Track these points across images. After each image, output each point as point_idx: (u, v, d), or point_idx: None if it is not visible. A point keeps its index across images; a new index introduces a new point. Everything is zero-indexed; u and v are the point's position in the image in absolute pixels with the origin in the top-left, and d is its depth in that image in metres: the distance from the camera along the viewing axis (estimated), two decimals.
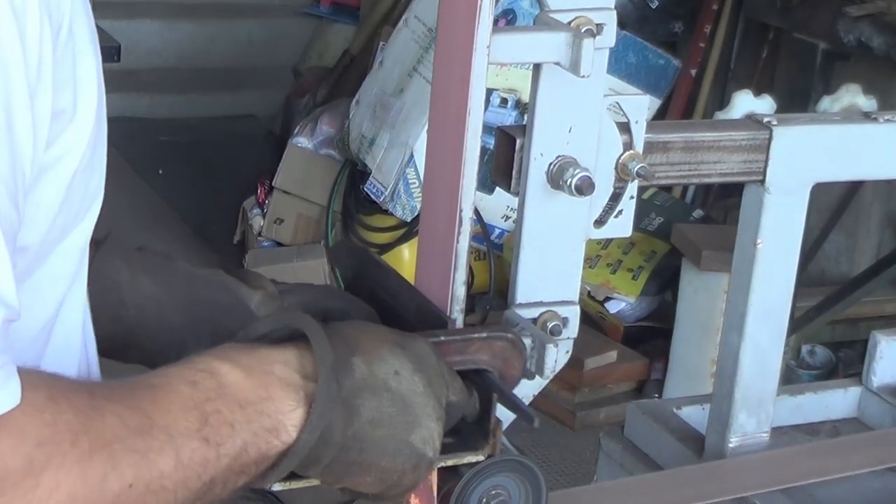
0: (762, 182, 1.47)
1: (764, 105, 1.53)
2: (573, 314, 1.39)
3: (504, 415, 1.24)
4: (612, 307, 4.52)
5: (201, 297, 1.32)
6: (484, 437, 1.21)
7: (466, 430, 1.22)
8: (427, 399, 1.14)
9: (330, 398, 1.10)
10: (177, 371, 1.10)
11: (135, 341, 1.32)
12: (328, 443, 1.10)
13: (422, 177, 1.87)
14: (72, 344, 1.19)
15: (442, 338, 1.20)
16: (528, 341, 1.32)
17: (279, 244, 5.05)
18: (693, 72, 5.10)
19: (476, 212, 4.17)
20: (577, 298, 1.39)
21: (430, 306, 1.27)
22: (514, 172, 1.34)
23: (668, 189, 4.78)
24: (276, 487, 1.14)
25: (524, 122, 1.34)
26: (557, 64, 1.27)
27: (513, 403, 1.21)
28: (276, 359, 1.13)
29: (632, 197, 1.38)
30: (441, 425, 1.15)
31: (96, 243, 1.30)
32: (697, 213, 4.74)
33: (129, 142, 6.22)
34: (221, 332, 1.24)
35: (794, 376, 4.21)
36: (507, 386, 1.22)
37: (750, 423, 1.56)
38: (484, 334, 1.22)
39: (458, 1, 1.23)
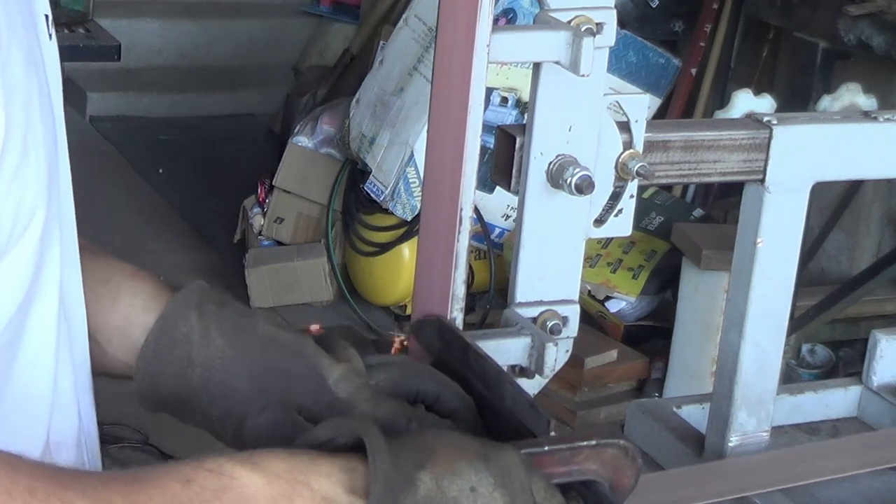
0: (762, 181, 1.47)
1: (764, 104, 1.53)
2: (573, 313, 1.39)
3: None
4: (613, 306, 4.53)
5: (275, 364, 1.18)
6: None
7: None
8: None
9: None
10: (177, 466, 0.97)
11: (198, 404, 1.19)
12: None
13: (422, 176, 1.87)
14: (41, 368, 1.10)
15: (546, 448, 1.11)
16: (527, 340, 1.32)
17: (279, 243, 5.05)
18: (693, 71, 5.10)
19: (476, 211, 4.17)
20: (577, 297, 1.39)
21: (527, 406, 1.17)
22: (514, 171, 1.34)
23: (668, 188, 4.78)
24: None
25: (524, 121, 1.34)
26: (557, 63, 1.27)
27: None
28: (318, 469, 0.99)
29: (632, 196, 1.38)
30: None
31: (172, 289, 1.20)
32: (698, 212, 4.74)
33: (129, 141, 6.23)
34: (291, 406, 1.16)
35: (794, 375, 4.21)
36: (618, 496, 1.14)
37: (750, 423, 1.56)
38: (593, 442, 1.12)
39: (458, 0, 1.23)
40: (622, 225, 1.39)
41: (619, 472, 1.14)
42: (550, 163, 1.32)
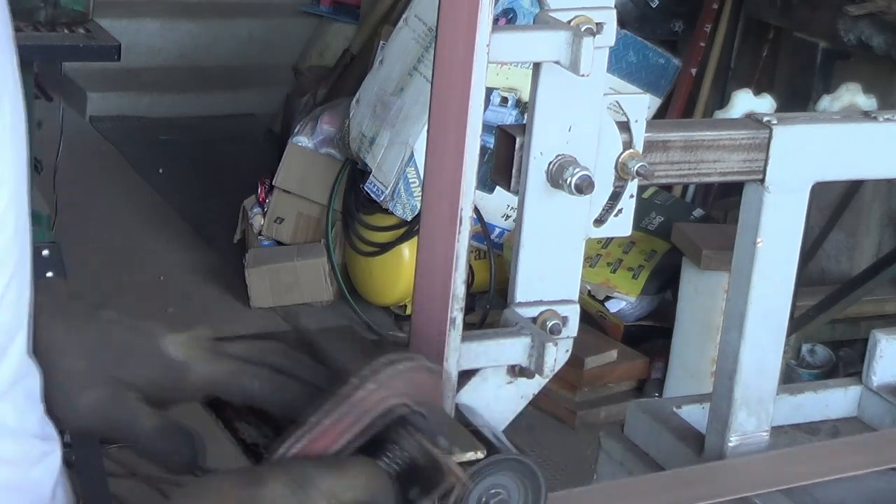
0: (762, 181, 1.47)
1: (764, 104, 1.53)
2: (573, 313, 1.39)
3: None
4: (613, 306, 4.53)
5: (110, 340, 1.17)
6: (438, 477, 1.10)
7: (426, 476, 1.11)
8: None
9: None
10: None
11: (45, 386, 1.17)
12: None
13: (422, 176, 1.87)
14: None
15: (325, 422, 1.07)
16: (527, 340, 1.32)
17: (279, 243, 5.05)
18: (693, 71, 5.10)
19: (476, 211, 4.17)
20: (577, 297, 1.39)
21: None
22: (513, 171, 1.34)
23: (668, 188, 4.78)
24: None
25: (524, 121, 1.34)
26: (557, 63, 1.27)
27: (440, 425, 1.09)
28: None
29: (632, 196, 1.38)
30: None
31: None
32: (697, 212, 4.75)
33: (129, 141, 6.23)
34: (127, 382, 1.14)
35: (794, 375, 4.21)
36: (438, 406, 1.10)
37: (750, 423, 1.56)
38: (356, 381, 1.08)
39: (458, 0, 1.23)
40: (622, 225, 1.39)
41: (419, 385, 1.09)
42: (550, 163, 1.32)
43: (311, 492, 1.03)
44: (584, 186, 1.30)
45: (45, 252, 3.14)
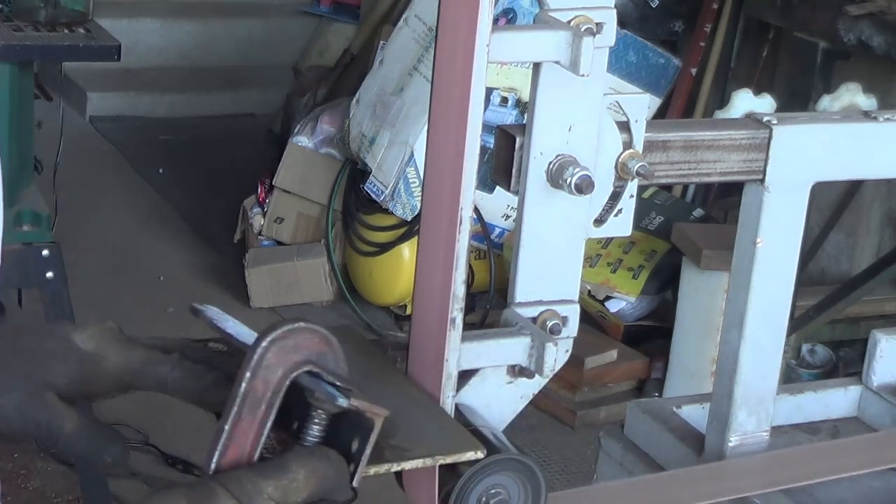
0: (762, 181, 1.47)
1: (764, 104, 1.53)
2: (573, 313, 1.38)
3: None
4: (613, 306, 4.53)
5: (23, 345, 1.17)
6: (364, 421, 1.09)
7: (354, 426, 1.10)
8: None
9: None
10: None
11: None
12: None
13: (422, 176, 1.87)
14: None
15: (237, 423, 1.06)
16: (527, 340, 1.32)
17: (279, 243, 5.05)
18: (693, 71, 5.10)
19: (476, 211, 4.17)
20: (577, 297, 1.39)
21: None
22: (513, 171, 1.34)
23: (668, 188, 4.78)
24: None
25: (524, 121, 1.34)
26: (557, 63, 1.27)
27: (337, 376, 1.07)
28: None
29: (631, 196, 1.38)
30: None
31: None
32: (698, 212, 4.74)
33: (129, 140, 6.23)
34: (42, 383, 1.14)
35: (794, 375, 4.21)
36: (334, 363, 1.08)
37: (750, 422, 1.56)
38: (246, 372, 1.06)
39: (458, 0, 1.23)
40: (622, 225, 1.39)
41: (313, 347, 1.07)
42: (550, 163, 1.32)
43: (261, 502, 1.04)
44: (584, 186, 1.30)
45: (45, 252, 3.15)
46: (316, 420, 1.09)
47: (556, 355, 1.32)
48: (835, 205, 4.60)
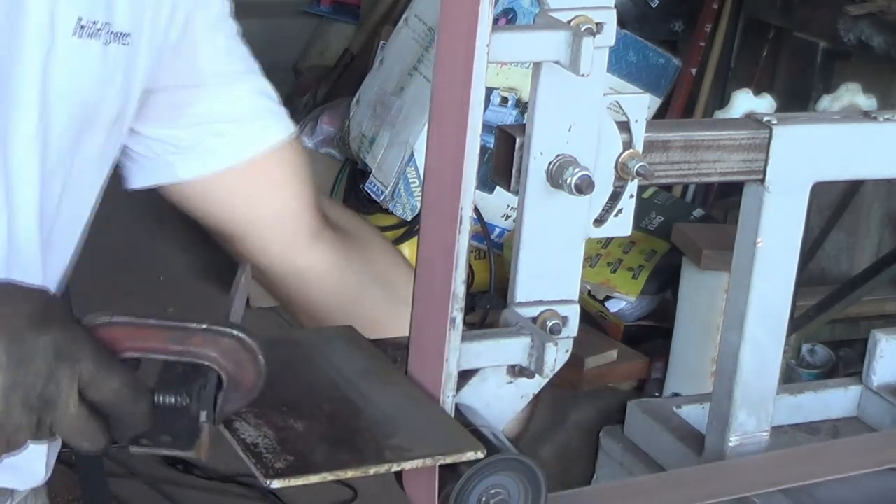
0: (762, 181, 1.47)
1: (764, 104, 1.53)
2: (573, 313, 1.38)
3: None
4: (613, 306, 4.53)
5: None
6: (191, 438, 1.12)
7: (185, 429, 1.13)
8: None
9: None
10: None
11: None
12: None
13: (422, 176, 1.87)
14: None
15: (151, 321, 1.10)
16: (527, 340, 1.32)
17: None
18: (693, 71, 5.10)
19: (476, 211, 4.17)
20: (577, 297, 1.39)
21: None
22: (513, 171, 1.34)
23: (668, 188, 4.78)
24: (276, 485, 1.14)
25: (524, 121, 1.34)
26: (557, 63, 1.27)
27: (234, 408, 1.12)
28: None
29: (632, 196, 1.38)
30: (2, 431, 1.04)
31: None
32: (698, 212, 4.74)
33: None
34: None
35: (794, 375, 4.21)
36: (241, 393, 1.12)
37: (750, 422, 1.56)
38: (203, 326, 1.10)
39: (458, 0, 1.23)
40: (622, 225, 1.39)
41: (241, 366, 1.11)
42: (550, 163, 1.32)
43: (64, 366, 1.05)
44: (584, 186, 1.30)
45: None
46: (169, 392, 1.11)
47: (556, 355, 1.32)
48: (835, 205, 4.60)
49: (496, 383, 1.35)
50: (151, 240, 5.30)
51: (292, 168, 1.71)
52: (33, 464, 1.51)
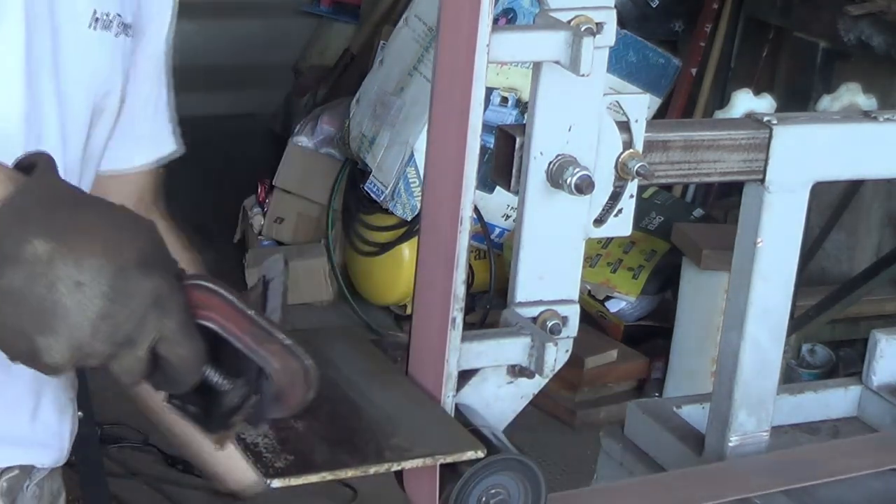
0: (762, 181, 1.47)
1: (764, 104, 1.53)
2: (573, 313, 1.38)
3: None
4: (613, 306, 4.53)
5: None
6: (222, 427, 1.14)
7: (215, 412, 1.15)
8: (84, 321, 1.05)
9: None
10: None
11: None
12: None
13: (422, 176, 1.87)
14: None
15: (251, 313, 1.13)
16: (527, 340, 1.32)
17: (279, 243, 5.05)
18: (693, 71, 5.10)
19: (476, 211, 4.17)
20: (577, 297, 1.39)
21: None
22: (513, 171, 1.34)
23: (668, 188, 4.78)
24: (276, 485, 1.14)
25: (524, 121, 1.34)
26: (557, 63, 1.27)
27: (260, 416, 1.14)
28: None
29: (631, 196, 1.38)
30: (78, 353, 1.06)
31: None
32: (698, 212, 4.75)
33: None
34: None
35: (794, 375, 4.21)
36: (279, 407, 1.14)
37: (750, 422, 1.56)
38: (288, 341, 1.13)
39: (458, 0, 1.23)
40: (622, 225, 1.39)
41: (293, 387, 1.13)
42: (550, 163, 1.32)
43: (156, 316, 1.07)
44: (584, 186, 1.30)
45: None
46: (223, 377, 1.14)
47: (556, 355, 1.32)
48: (835, 205, 4.60)
49: (496, 383, 1.35)
50: None
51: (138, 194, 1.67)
52: (63, 440, 1.52)
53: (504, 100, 4.56)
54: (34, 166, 1.09)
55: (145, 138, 1.65)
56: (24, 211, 1.05)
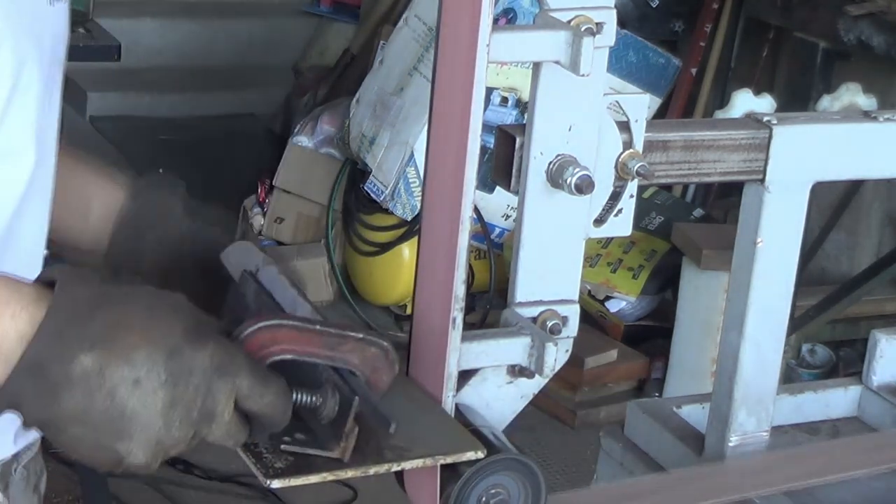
0: (762, 181, 1.47)
1: (764, 104, 1.53)
2: (573, 313, 1.39)
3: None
4: (613, 306, 4.53)
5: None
6: (336, 438, 1.16)
7: (321, 430, 1.17)
8: (154, 416, 1.05)
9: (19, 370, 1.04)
10: None
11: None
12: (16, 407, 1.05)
13: (422, 176, 1.87)
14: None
15: (317, 328, 1.15)
16: (527, 340, 1.32)
17: (280, 243, 5.05)
18: (693, 71, 5.10)
19: (476, 210, 4.17)
20: (577, 297, 1.39)
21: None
22: (513, 171, 1.34)
23: (668, 188, 4.78)
24: (276, 485, 1.14)
25: (524, 121, 1.34)
26: (557, 63, 1.27)
27: (372, 408, 1.16)
28: (13, 300, 1.06)
29: (631, 196, 1.38)
30: (160, 446, 1.07)
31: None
32: (698, 211, 4.75)
33: (129, 141, 6.22)
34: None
35: (794, 375, 4.21)
36: (373, 393, 1.17)
37: (750, 422, 1.56)
38: (360, 335, 1.17)
39: (458, 0, 1.23)
40: (622, 225, 1.39)
41: (378, 371, 1.18)
42: (550, 163, 1.32)
43: (224, 382, 1.08)
44: (584, 186, 1.30)
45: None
46: (313, 396, 1.16)
47: (556, 355, 1.32)
48: (835, 205, 4.60)
49: (496, 383, 1.35)
50: None
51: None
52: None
53: (504, 100, 4.56)
54: (53, 281, 1.09)
55: None
56: (59, 333, 1.05)
